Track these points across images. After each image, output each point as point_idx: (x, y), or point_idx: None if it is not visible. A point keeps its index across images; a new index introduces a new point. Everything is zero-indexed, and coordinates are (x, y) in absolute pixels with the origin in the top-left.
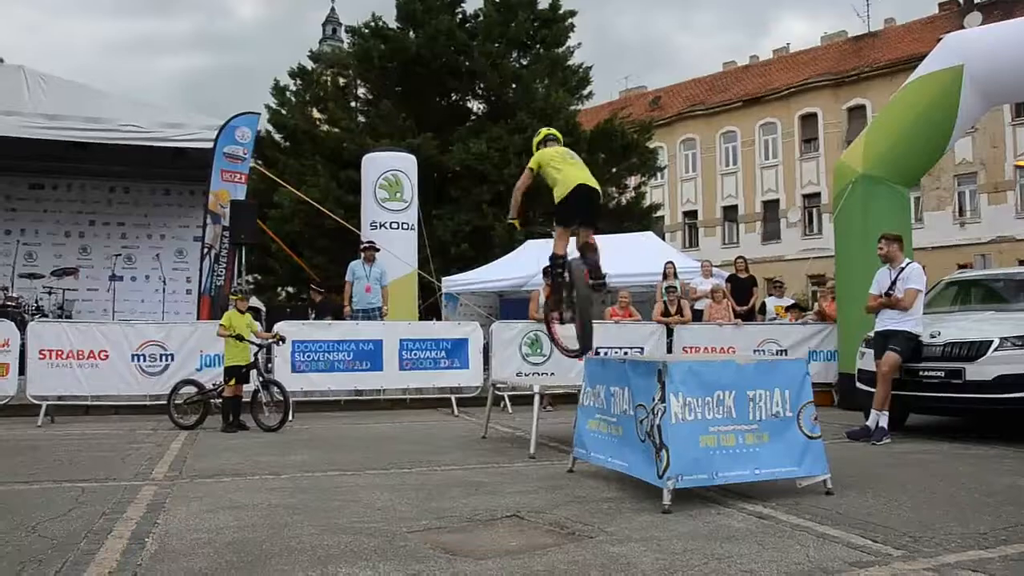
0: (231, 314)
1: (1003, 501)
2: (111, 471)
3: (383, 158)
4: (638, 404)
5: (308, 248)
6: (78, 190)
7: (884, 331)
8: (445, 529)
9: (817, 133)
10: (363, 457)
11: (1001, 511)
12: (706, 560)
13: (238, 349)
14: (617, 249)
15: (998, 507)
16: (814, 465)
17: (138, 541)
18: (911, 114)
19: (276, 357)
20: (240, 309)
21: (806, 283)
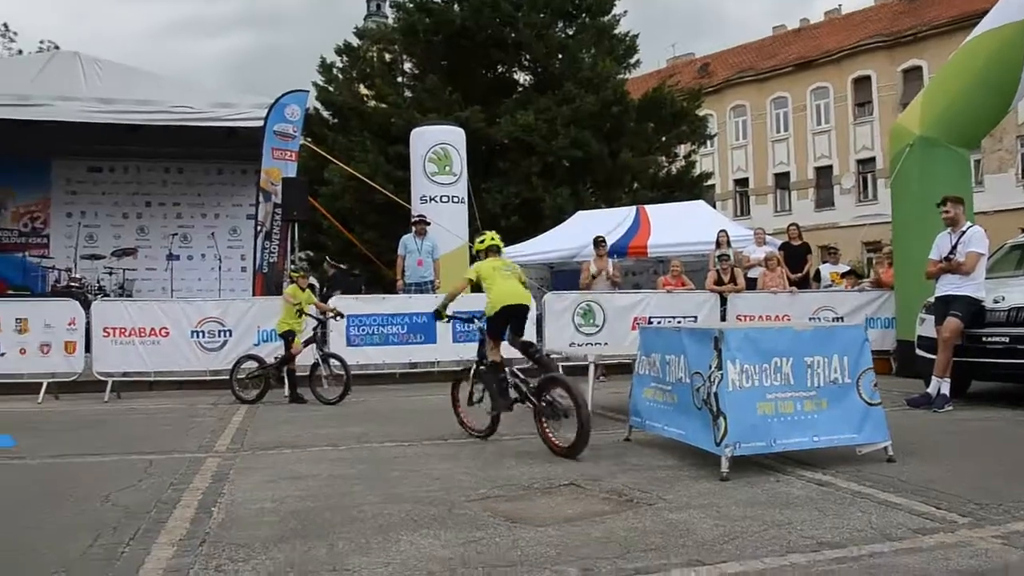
0: (293, 289)
1: None
2: (176, 444)
3: (431, 132)
4: (694, 372)
5: (359, 224)
6: (134, 172)
7: (945, 296)
8: (503, 497)
9: (871, 96)
10: (419, 429)
11: None
12: (766, 527)
13: (294, 319)
14: (668, 218)
15: None
16: (874, 432)
17: (205, 510)
18: (971, 73)
19: (332, 332)
20: (301, 286)
21: (861, 250)
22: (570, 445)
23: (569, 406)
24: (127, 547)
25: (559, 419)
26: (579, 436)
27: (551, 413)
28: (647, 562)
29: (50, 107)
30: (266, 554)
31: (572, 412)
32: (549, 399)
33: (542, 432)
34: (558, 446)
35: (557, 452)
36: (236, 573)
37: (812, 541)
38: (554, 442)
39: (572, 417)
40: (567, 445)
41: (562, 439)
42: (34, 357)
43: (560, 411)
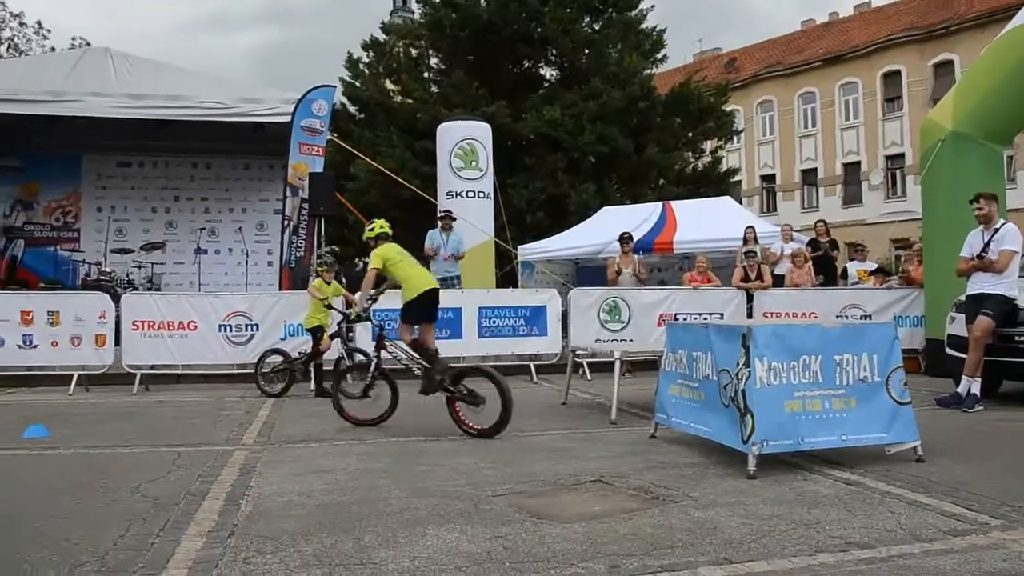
0: (319, 283)
1: None
2: (204, 436)
3: (458, 127)
4: (721, 369)
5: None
6: (163, 167)
7: (976, 294)
8: (529, 493)
9: (901, 92)
10: (444, 423)
11: None
12: (794, 526)
13: (322, 313)
14: (694, 215)
15: None
16: (904, 431)
17: (233, 502)
18: (1005, 68)
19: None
20: (326, 280)
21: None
22: (490, 426)
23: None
24: (157, 538)
25: (478, 405)
26: (501, 420)
27: (472, 400)
28: (674, 559)
29: (81, 103)
30: (294, 547)
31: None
32: (470, 387)
33: (455, 416)
34: (473, 427)
35: (471, 433)
36: (264, 565)
37: (840, 541)
38: (470, 425)
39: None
40: (483, 427)
41: (477, 422)
42: (65, 349)
43: (480, 399)
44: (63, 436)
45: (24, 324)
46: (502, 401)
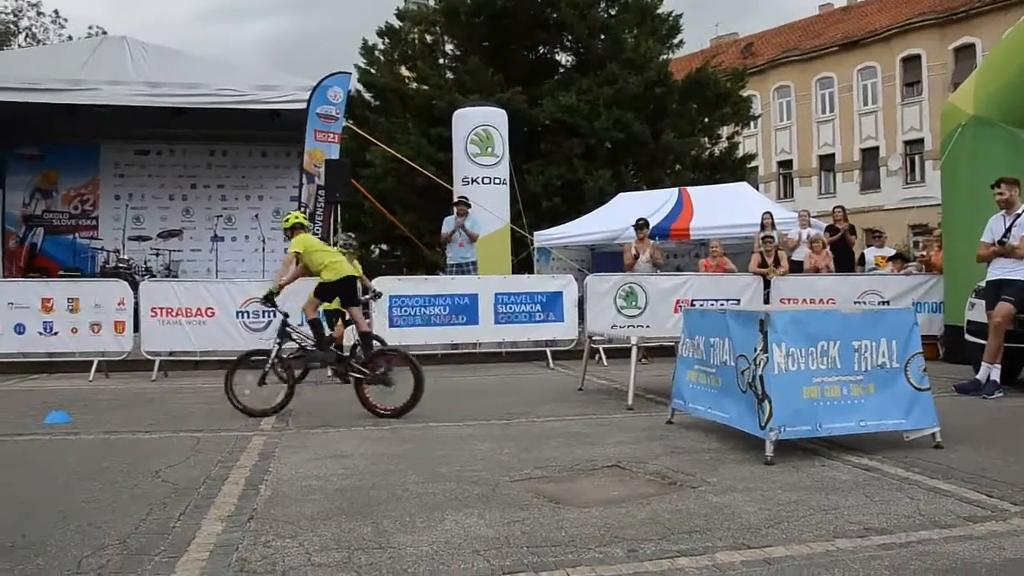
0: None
1: None
2: (222, 422)
3: (473, 113)
4: (739, 355)
5: (400, 206)
6: (180, 155)
7: (997, 280)
8: (546, 479)
9: (920, 76)
10: (462, 409)
11: None
12: (812, 512)
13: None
14: (711, 201)
15: None
16: (922, 418)
17: (252, 487)
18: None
19: (374, 312)
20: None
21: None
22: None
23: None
24: (178, 522)
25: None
26: (412, 398)
27: (384, 381)
28: (692, 544)
29: (99, 91)
30: (313, 531)
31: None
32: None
33: (363, 399)
34: (383, 409)
35: (382, 415)
36: (284, 549)
37: (859, 526)
38: (379, 407)
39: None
40: (395, 407)
41: (387, 403)
42: (85, 336)
43: (391, 380)
44: (84, 422)
45: (44, 311)
46: (415, 381)
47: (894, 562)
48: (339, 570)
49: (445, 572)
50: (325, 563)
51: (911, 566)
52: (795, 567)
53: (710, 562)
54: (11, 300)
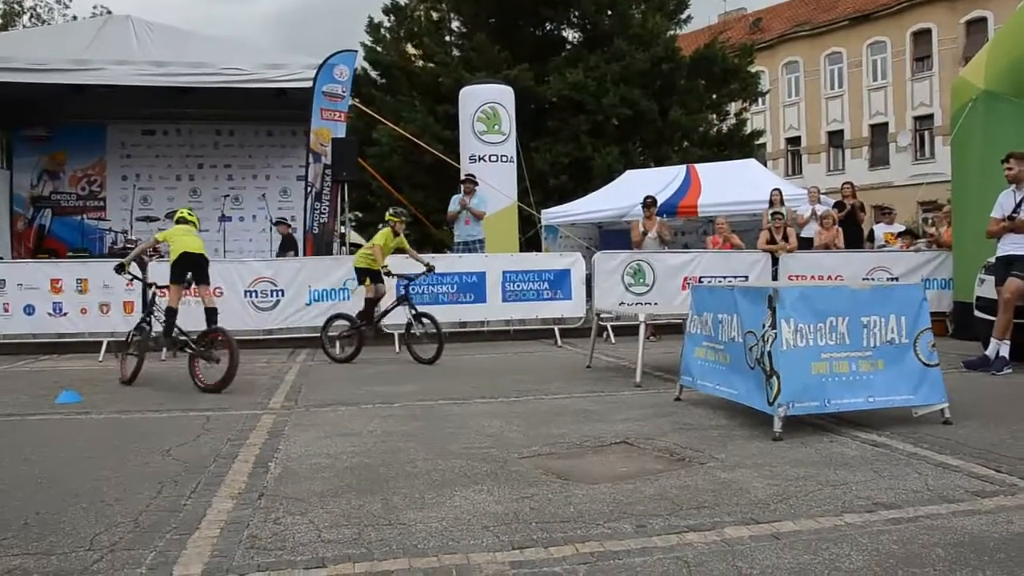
0: (387, 233)
1: None
2: (232, 402)
3: (480, 91)
4: (748, 331)
5: (407, 184)
6: (186, 135)
7: (1007, 256)
8: (555, 455)
9: (931, 51)
10: (471, 387)
11: None
12: (820, 487)
13: (372, 260)
14: (719, 178)
15: None
16: (931, 393)
17: (262, 465)
18: None
19: None
20: (397, 230)
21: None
22: (216, 383)
23: (219, 355)
24: (189, 500)
25: (212, 363)
26: (227, 375)
27: (208, 357)
28: (701, 519)
29: (105, 71)
30: (323, 507)
31: (224, 357)
32: (206, 345)
33: (193, 372)
34: (203, 383)
35: (202, 388)
36: (294, 526)
37: (867, 501)
38: (203, 380)
39: (224, 361)
40: (213, 383)
41: (209, 378)
42: (94, 316)
43: (215, 356)
44: (95, 401)
45: (54, 292)
46: (230, 359)
47: (902, 536)
48: (349, 546)
49: (455, 548)
50: (335, 539)
51: (919, 540)
52: (804, 541)
53: (718, 537)
54: (20, 281)
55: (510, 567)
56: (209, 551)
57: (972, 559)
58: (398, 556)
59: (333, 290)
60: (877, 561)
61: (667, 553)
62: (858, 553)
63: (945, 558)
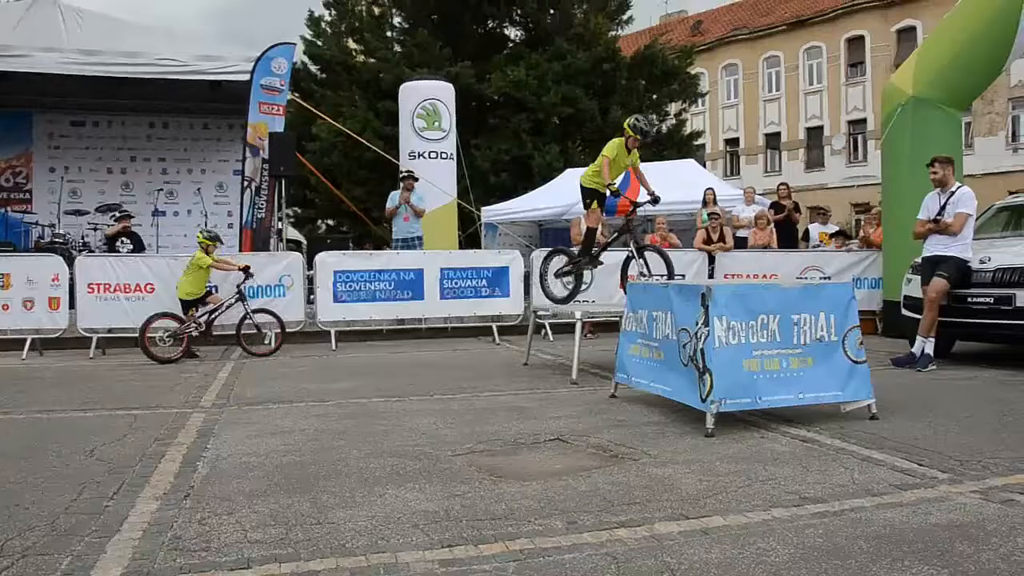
0: (200, 255)
1: None
2: (161, 399)
3: (421, 87)
4: (681, 328)
5: (347, 180)
6: (118, 126)
7: (932, 257)
8: (489, 452)
9: (864, 57)
10: (406, 384)
11: None
12: (750, 482)
13: (192, 285)
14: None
15: None
16: (859, 390)
17: (189, 465)
18: (966, 33)
19: (319, 288)
20: (208, 252)
21: (850, 212)
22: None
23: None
24: (111, 501)
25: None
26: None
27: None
28: (631, 515)
29: (30, 58)
30: (250, 507)
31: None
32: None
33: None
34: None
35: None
36: (220, 526)
37: (795, 496)
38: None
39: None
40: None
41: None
42: (17, 313)
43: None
44: (16, 401)
45: None
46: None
47: (827, 529)
48: (276, 546)
49: (383, 547)
50: (262, 539)
51: (843, 533)
52: (732, 536)
53: (648, 532)
54: None
55: (439, 565)
56: (130, 554)
57: (892, 550)
58: (325, 556)
59: (268, 287)
60: (802, 554)
61: (597, 549)
62: (784, 547)
63: (867, 550)
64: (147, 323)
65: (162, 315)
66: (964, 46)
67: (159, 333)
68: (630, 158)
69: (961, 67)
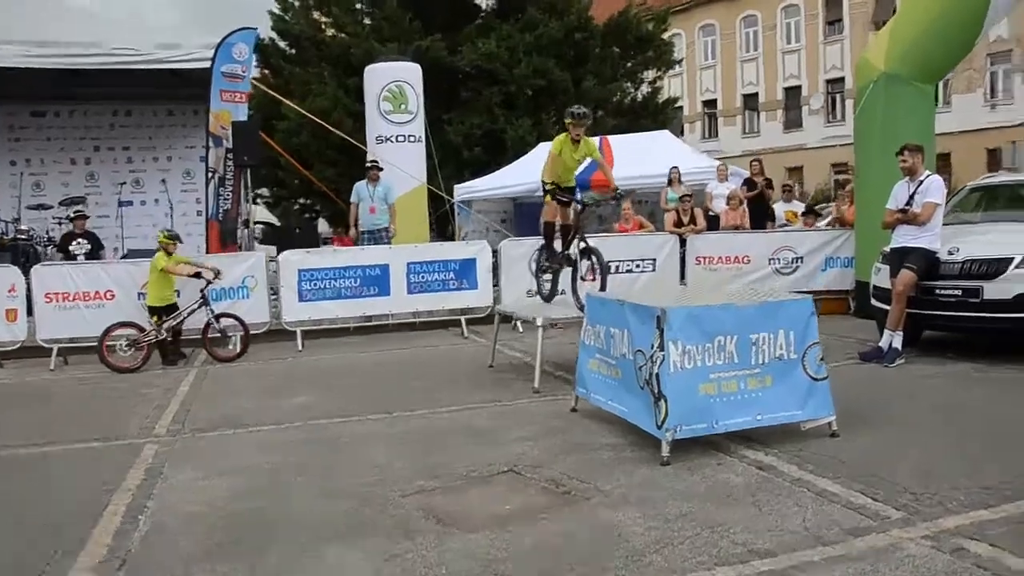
0: (160, 256)
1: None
2: (117, 425)
3: (386, 69)
4: (637, 349)
5: (317, 160)
6: (80, 116)
7: (900, 248)
8: (440, 490)
9: (842, 14)
10: (368, 398)
11: (1010, 455)
12: (699, 530)
13: (158, 289)
14: (631, 150)
15: (1008, 449)
16: (819, 407)
17: (132, 518)
18: (940, 4)
19: (283, 287)
20: (169, 251)
21: (829, 172)
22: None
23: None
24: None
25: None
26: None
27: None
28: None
29: None
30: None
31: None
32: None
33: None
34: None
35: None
36: None
37: (743, 549)
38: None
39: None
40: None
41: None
42: None
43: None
44: None
45: None
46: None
47: None
48: None
49: None
50: None
51: None
52: None
53: None
54: None
55: None
56: None
57: None
58: None
59: (232, 288)
60: None
61: None
62: None
63: None
64: (106, 332)
65: (121, 324)
66: (936, 21)
67: (119, 342)
68: (584, 150)
69: (933, 42)
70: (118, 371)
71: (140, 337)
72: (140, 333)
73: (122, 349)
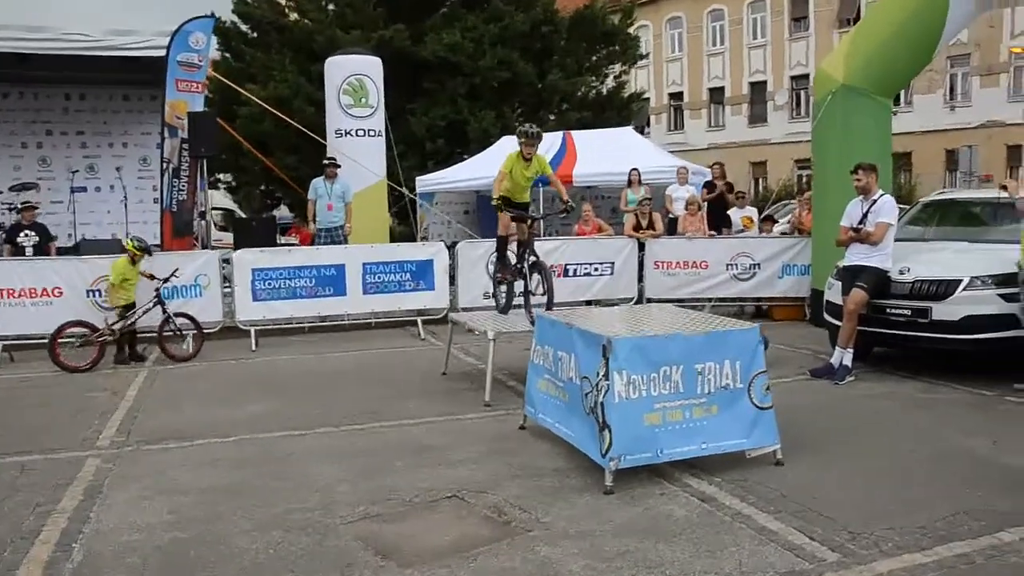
0: (124, 262)
1: (953, 474)
2: (59, 435)
3: (346, 61)
4: (583, 376)
5: (279, 148)
6: (31, 99)
7: (852, 266)
8: (382, 516)
9: (807, 12)
10: (317, 409)
11: (948, 489)
12: (636, 570)
13: (126, 292)
14: (595, 146)
15: (947, 481)
16: (764, 436)
17: (65, 547)
18: (897, 20)
19: (237, 287)
20: (134, 260)
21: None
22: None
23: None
24: None
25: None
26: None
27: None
28: None
29: None
30: None
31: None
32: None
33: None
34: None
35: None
36: None
37: None
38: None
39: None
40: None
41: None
42: None
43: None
44: None
45: None
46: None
47: None
48: None
49: None
50: None
51: None
52: None
53: None
54: None
55: None
56: None
57: None
58: None
59: (185, 287)
60: None
61: None
62: None
63: None
64: (58, 331)
65: (74, 323)
66: (894, 34)
67: (70, 340)
68: (535, 167)
69: (891, 56)
70: (69, 370)
71: (92, 336)
72: (92, 332)
73: (74, 348)
